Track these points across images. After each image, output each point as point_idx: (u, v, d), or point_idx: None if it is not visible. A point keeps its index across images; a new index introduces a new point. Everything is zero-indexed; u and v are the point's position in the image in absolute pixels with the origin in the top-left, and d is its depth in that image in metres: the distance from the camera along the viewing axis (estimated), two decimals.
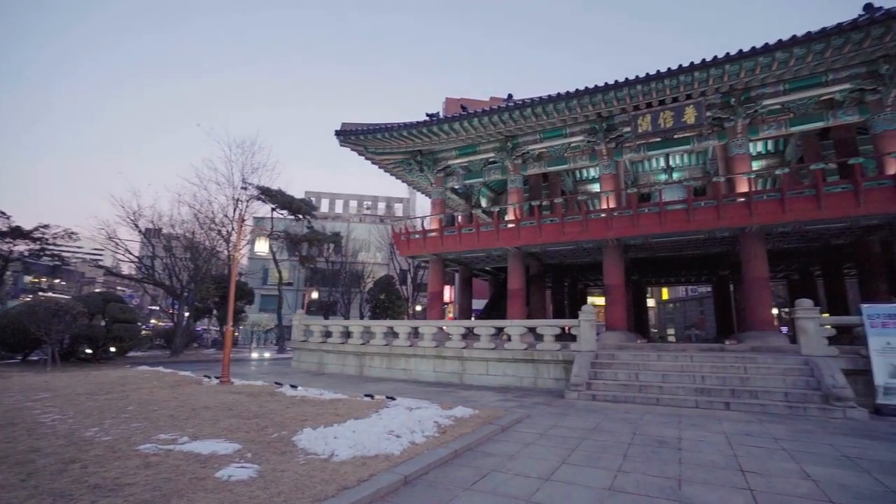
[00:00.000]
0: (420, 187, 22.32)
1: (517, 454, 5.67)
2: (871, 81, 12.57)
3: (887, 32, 10.89)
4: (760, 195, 12.88)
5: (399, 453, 5.30)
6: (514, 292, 16.45)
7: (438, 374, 13.81)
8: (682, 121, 13.91)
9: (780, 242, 15.01)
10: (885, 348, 8.65)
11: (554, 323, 12.82)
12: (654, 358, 11.15)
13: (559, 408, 9.05)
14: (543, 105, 14.51)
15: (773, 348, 11.36)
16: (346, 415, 7.28)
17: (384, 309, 31.79)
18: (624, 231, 14.15)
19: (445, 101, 52.69)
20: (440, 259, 18.68)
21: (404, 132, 16.91)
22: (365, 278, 38.16)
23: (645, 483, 4.62)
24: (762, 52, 11.83)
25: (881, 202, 11.45)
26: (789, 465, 5.20)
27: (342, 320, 24.97)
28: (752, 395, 9.16)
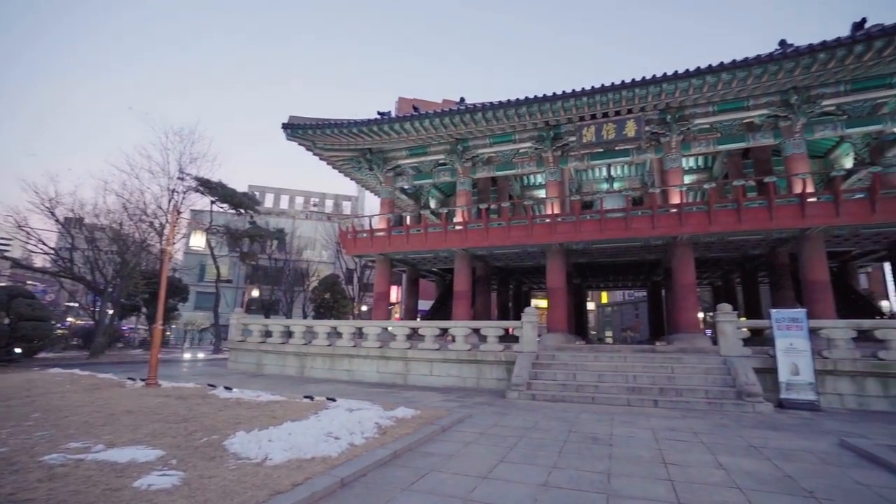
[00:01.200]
0: (369, 186, 22.03)
1: (457, 454, 5.72)
2: (783, 109, 13.89)
3: (796, 67, 12.09)
4: (690, 207, 13.84)
5: (337, 455, 5.19)
6: (460, 294, 16.62)
7: (382, 375, 13.67)
8: (623, 133, 14.68)
9: (707, 251, 16.21)
10: (789, 349, 9.57)
11: (498, 324, 13.09)
12: (591, 359, 11.66)
13: (500, 407, 9.24)
14: (494, 110, 14.81)
15: (697, 349, 12.22)
16: (283, 417, 7.02)
17: (329, 309, 31.07)
18: (567, 236, 14.71)
19: (398, 101, 52.41)
20: (387, 259, 18.54)
21: (354, 129, 16.64)
22: (309, 277, 37.13)
23: (577, 478, 4.82)
24: (695, 74, 12.75)
25: (789, 218, 12.68)
26: (705, 457, 5.61)
27: (284, 319, 24.12)
28: (678, 392, 9.80)
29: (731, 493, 4.37)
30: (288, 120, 17.69)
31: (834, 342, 10.09)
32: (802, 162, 13.85)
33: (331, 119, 17.32)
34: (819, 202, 12.63)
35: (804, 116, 13.77)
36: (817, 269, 13.11)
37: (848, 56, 11.68)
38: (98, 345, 20.18)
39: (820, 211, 12.55)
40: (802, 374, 9.44)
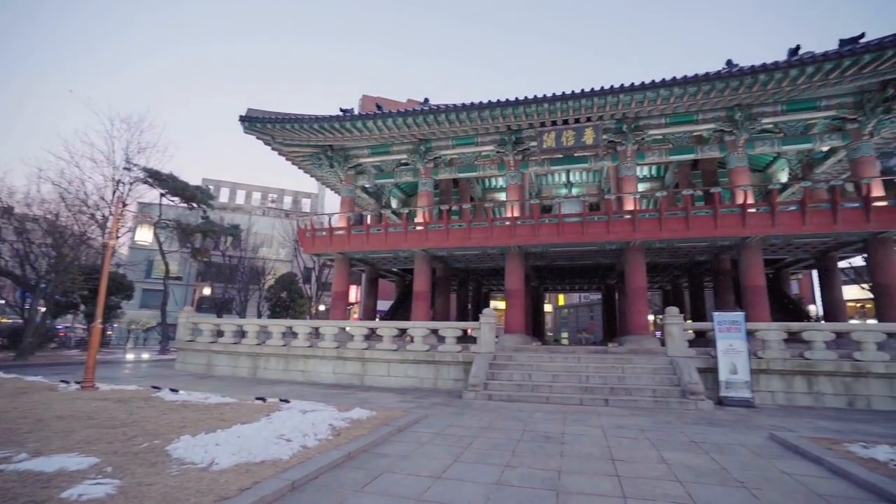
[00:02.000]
0: (329, 184, 21.61)
1: (411, 454, 5.70)
2: (728, 124, 14.76)
3: (740, 85, 12.89)
4: (643, 214, 14.43)
5: (288, 458, 5.05)
6: (420, 294, 16.60)
7: (338, 376, 13.44)
8: (581, 140, 15.14)
9: (657, 257, 16.96)
10: (728, 349, 10.17)
11: (456, 325, 13.16)
12: (546, 359, 11.93)
13: (457, 408, 9.29)
14: (457, 112, 14.90)
15: (647, 350, 12.75)
16: (232, 420, 6.76)
17: (285, 308, 30.23)
18: (526, 239, 15.00)
19: (362, 99, 51.74)
20: (346, 258, 18.26)
21: (315, 125, 16.29)
22: (265, 275, 35.98)
23: (529, 476, 4.91)
24: (649, 87, 13.34)
25: (732, 226, 13.47)
26: (651, 452, 5.86)
27: (237, 319, 23.26)
28: (628, 392, 10.19)
29: (672, 486, 4.59)
30: (246, 112, 17.10)
31: (768, 343, 10.80)
32: (744, 175, 14.76)
33: (291, 114, 16.88)
34: (758, 213, 13.49)
35: (747, 132, 14.68)
36: (755, 276, 13.99)
37: (784, 79, 12.56)
38: (27, 345, 18.68)
39: (758, 221, 13.40)
40: (740, 374, 10.05)
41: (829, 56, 12.07)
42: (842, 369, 10.16)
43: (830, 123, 14.66)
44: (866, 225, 12.66)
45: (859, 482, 4.65)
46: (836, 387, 10.21)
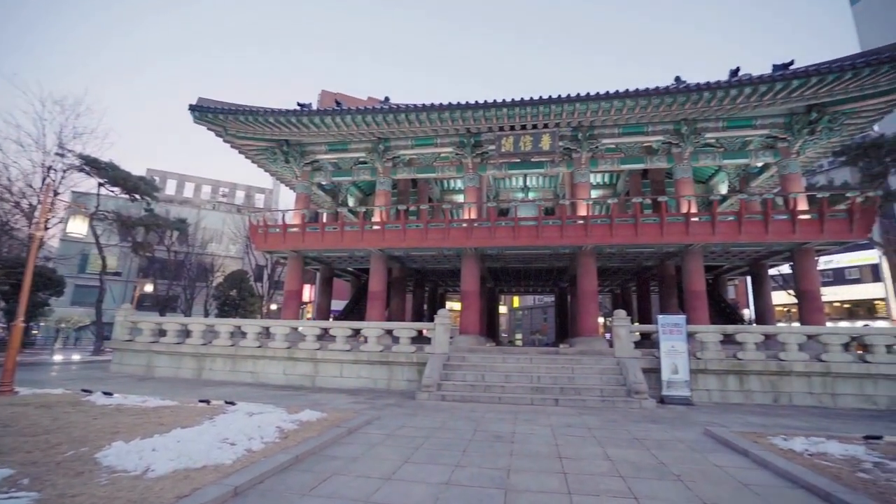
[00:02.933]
0: (284, 179, 20.94)
1: (362, 456, 5.62)
2: (676, 137, 15.56)
3: (687, 101, 13.63)
4: (596, 219, 14.93)
5: (232, 462, 4.85)
6: (375, 294, 16.42)
7: (289, 377, 13.04)
8: (539, 146, 15.49)
9: (608, 261, 17.62)
10: (670, 351, 10.71)
11: (411, 326, 13.11)
12: (500, 360, 12.10)
13: (410, 409, 9.24)
14: (417, 113, 14.86)
15: (596, 351, 13.21)
16: (172, 423, 6.41)
17: (235, 307, 29.07)
18: (482, 241, 15.16)
19: (321, 94, 50.66)
20: (300, 256, 17.78)
21: (271, 119, 15.77)
22: (214, 272, 34.43)
23: (479, 475, 4.96)
24: (604, 97, 13.84)
25: (676, 234, 14.20)
26: (596, 450, 6.07)
27: (182, 317, 22.11)
28: (577, 391, 10.51)
29: (615, 482, 4.77)
30: (196, 101, 16.29)
31: (706, 345, 11.46)
32: (689, 185, 15.61)
33: (245, 105, 16.25)
34: (700, 222, 14.30)
35: (691, 145, 15.53)
36: (696, 281, 14.82)
37: (725, 97, 13.40)
38: None
39: (700, 229, 14.21)
40: (680, 373, 10.61)
41: (763, 79, 12.99)
42: (769, 368, 10.94)
43: (764, 141, 15.77)
44: (793, 236, 13.71)
45: (778, 472, 5.03)
46: (763, 385, 10.99)
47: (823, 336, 11.15)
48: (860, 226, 13.47)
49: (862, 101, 13.87)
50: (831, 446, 5.76)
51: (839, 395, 10.70)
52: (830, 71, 12.48)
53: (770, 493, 4.48)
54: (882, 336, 11.06)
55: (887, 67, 12.30)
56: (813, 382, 10.84)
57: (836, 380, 10.75)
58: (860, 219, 13.45)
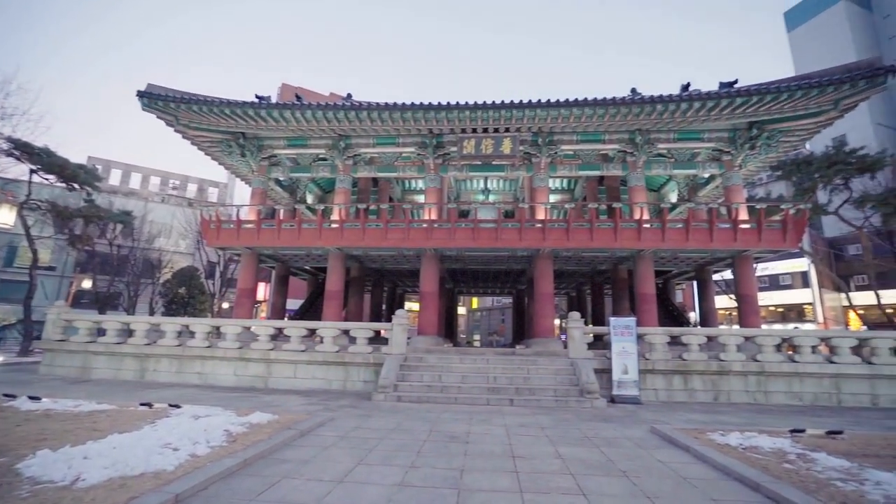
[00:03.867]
0: (240, 173, 20.21)
1: (313, 458, 5.49)
2: (630, 146, 16.20)
3: (641, 112, 14.22)
4: (553, 223, 15.30)
5: (174, 469, 4.62)
6: (332, 294, 16.10)
7: (240, 378, 12.57)
8: (499, 150, 15.70)
9: (565, 264, 18.08)
10: (621, 352, 11.11)
11: (368, 326, 12.96)
12: (457, 361, 12.15)
13: (365, 410, 9.12)
14: (380, 111, 14.72)
15: (551, 352, 13.51)
16: (108, 429, 6.02)
17: (183, 305, 27.67)
18: (442, 242, 15.20)
19: (281, 87, 49.35)
20: (255, 254, 17.18)
21: (227, 110, 15.15)
22: (162, 268, 32.68)
23: (432, 476, 4.95)
24: (563, 105, 14.22)
25: (629, 239, 14.77)
26: (548, 449, 6.20)
27: (124, 316, 20.84)
28: (532, 392, 10.70)
29: (565, 479, 4.89)
30: (146, 88, 15.43)
31: (654, 346, 11.97)
32: (642, 193, 16.28)
33: (199, 94, 15.53)
34: (651, 228, 14.93)
35: (645, 155, 16.22)
36: (647, 285, 15.46)
37: (676, 110, 14.08)
38: None
39: (652, 236, 14.84)
40: (630, 373, 11.02)
41: (711, 95, 13.75)
42: (710, 368, 11.57)
43: (711, 154, 16.69)
44: (734, 244, 14.57)
45: (715, 465, 5.33)
46: (705, 384, 11.60)
47: (759, 338, 11.92)
48: (792, 236, 14.50)
49: (795, 121, 14.96)
50: (762, 440, 6.16)
51: (771, 392, 11.46)
52: (769, 92, 13.37)
53: (706, 486, 4.73)
54: (808, 338, 11.95)
55: (816, 92, 13.34)
56: (749, 381, 11.55)
57: (769, 378, 11.52)
58: (792, 229, 14.48)
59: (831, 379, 11.45)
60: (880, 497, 4.16)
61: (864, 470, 4.89)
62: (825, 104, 14.04)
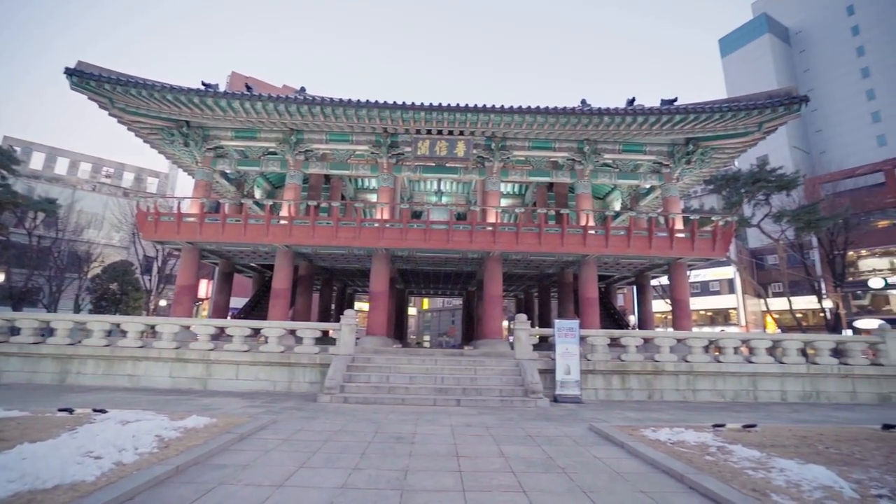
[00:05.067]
0: (182, 164, 19.12)
1: (253, 463, 5.33)
2: (579, 155, 16.87)
3: (590, 122, 14.85)
4: (504, 227, 15.63)
5: (94, 479, 4.32)
6: (279, 292, 15.61)
7: (177, 381, 11.92)
8: (453, 152, 15.86)
9: (514, 267, 18.52)
10: (564, 353, 11.55)
11: (315, 326, 12.69)
12: (405, 362, 12.15)
13: (310, 412, 8.93)
14: (333, 107, 14.45)
15: (498, 353, 13.79)
16: (17, 438, 5.51)
17: (115, 302, 25.84)
18: (394, 242, 15.14)
19: (231, 76, 47.29)
20: (197, 249, 16.33)
21: (169, 96, 14.31)
22: (91, 262, 30.30)
23: (376, 477, 4.95)
24: (516, 111, 14.58)
25: (575, 245, 15.37)
26: (492, 448, 6.35)
27: (44, 313, 19.18)
28: (478, 392, 10.89)
29: (506, 477, 5.04)
30: (76, 65, 14.27)
31: (595, 347, 12.53)
32: (588, 200, 16.99)
33: (138, 77, 14.52)
34: (596, 235, 15.61)
35: (592, 164, 16.94)
36: (590, 289, 16.14)
37: (622, 123, 14.82)
38: None
39: (596, 242, 15.51)
40: (572, 374, 11.48)
41: (653, 111, 14.60)
42: (646, 369, 12.27)
43: (652, 166, 17.69)
44: (670, 251, 15.53)
45: (646, 460, 5.68)
46: (641, 383, 12.29)
47: (689, 340, 12.78)
48: (721, 245, 15.67)
49: (725, 140, 16.19)
50: (688, 435, 6.63)
51: (699, 390, 12.33)
52: (703, 111, 14.38)
53: (637, 479, 5.03)
54: (731, 340, 12.97)
55: (743, 114, 14.53)
56: (679, 380, 12.36)
57: (697, 377, 12.38)
58: (721, 239, 15.64)
59: (749, 377, 12.48)
60: (783, 482, 4.62)
61: (772, 459, 5.39)
62: (751, 126, 15.28)
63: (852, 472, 5.04)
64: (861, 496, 4.31)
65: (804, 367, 12.59)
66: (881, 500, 4.22)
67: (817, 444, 6.40)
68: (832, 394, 12.62)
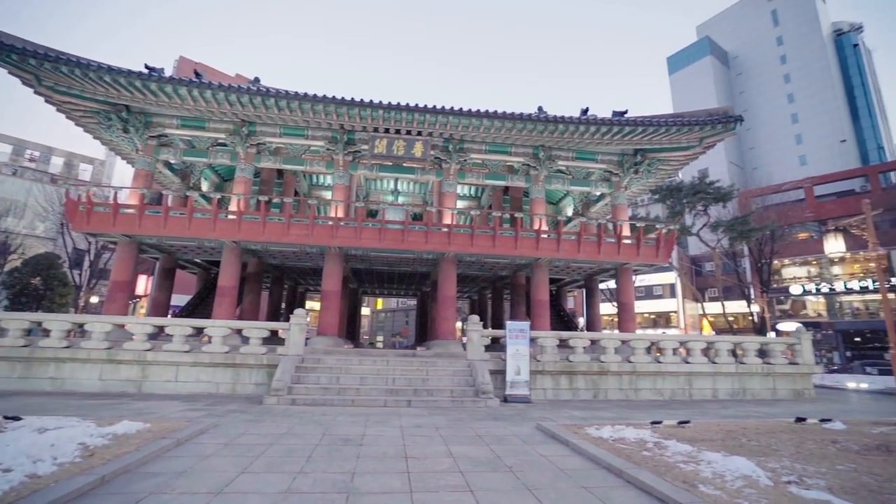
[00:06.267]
0: (121, 151, 17.87)
1: (190, 469, 5.06)
2: (534, 160, 17.28)
3: (545, 129, 15.25)
4: (459, 228, 15.74)
5: (1, 495, 3.93)
6: (225, 290, 14.93)
7: (108, 383, 11.13)
8: (411, 152, 15.81)
9: (468, 269, 18.69)
10: (515, 354, 11.78)
11: (262, 325, 12.25)
12: (356, 362, 11.95)
13: (254, 414, 8.60)
14: (289, 100, 14.01)
15: (451, 354, 13.87)
16: None
17: (37, 298, 23.80)
18: (348, 241, 14.88)
19: (179, 60, 44.78)
20: (135, 243, 15.31)
21: (107, 77, 13.33)
22: (8, 254, 27.73)
23: (322, 481, 4.83)
24: (474, 115, 14.74)
25: (528, 248, 15.72)
26: (441, 448, 6.37)
27: None
28: (430, 393, 10.90)
29: (454, 477, 5.07)
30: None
31: (544, 349, 12.86)
32: (541, 205, 17.42)
33: (70, 54, 13.41)
34: (548, 239, 16.04)
35: (546, 170, 17.40)
36: (542, 291, 16.57)
37: (576, 131, 15.33)
38: None
39: (548, 245, 15.94)
40: (522, 374, 11.72)
41: (605, 121, 15.20)
42: (592, 369, 12.73)
43: (603, 174, 18.41)
44: (618, 257, 16.22)
45: (589, 457, 5.89)
46: (587, 383, 12.75)
47: (633, 341, 13.39)
48: (664, 252, 16.54)
49: (670, 153, 17.12)
50: (628, 432, 6.94)
51: (640, 389, 12.94)
52: (650, 124, 15.14)
53: (580, 475, 5.21)
54: (670, 341, 13.74)
55: (686, 129, 15.43)
56: (623, 380, 12.92)
57: (639, 377, 12.99)
58: (664, 246, 16.51)
59: (686, 376, 13.25)
60: (710, 474, 4.96)
61: (701, 452, 5.75)
62: (692, 140, 16.25)
63: (768, 461, 5.49)
64: (774, 483, 4.72)
65: (734, 366, 13.52)
66: (790, 486, 4.64)
67: (741, 437, 6.89)
68: (756, 391, 13.64)
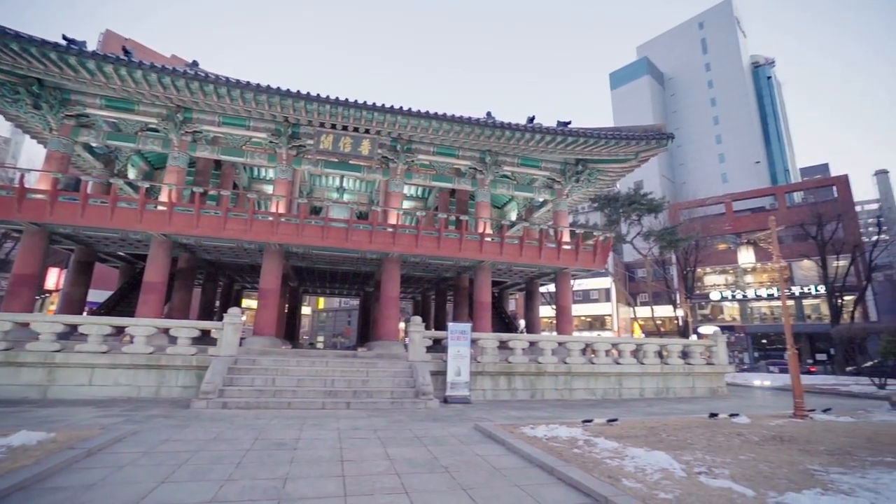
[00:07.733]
0: (30, 129, 16.09)
1: (101, 482, 4.65)
2: (480, 164, 17.57)
3: (492, 134, 15.55)
4: (404, 229, 15.67)
5: None
6: (152, 286, 13.89)
7: (5, 389, 9.99)
8: (358, 150, 15.55)
9: (412, 270, 18.64)
10: (456, 355, 11.91)
11: (192, 324, 11.54)
12: (294, 363, 11.56)
13: (180, 419, 8.07)
14: (229, 88, 13.29)
15: (392, 355, 13.76)
16: None
17: None
18: (289, 238, 14.37)
19: (105, 34, 41.44)
20: (45, 232, 13.86)
21: (14, 45, 11.98)
22: None
23: (251, 488, 4.63)
24: (423, 116, 14.75)
25: (472, 250, 15.95)
26: (378, 450, 6.30)
27: None
28: (369, 394, 10.75)
29: (390, 479, 5.03)
30: None
31: (485, 350, 13.09)
32: (487, 209, 17.75)
33: None
34: (492, 242, 16.35)
35: (492, 174, 17.75)
36: (484, 293, 16.87)
37: (521, 138, 15.76)
38: None
39: (492, 249, 16.26)
40: (463, 375, 11.86)
41: (549, 130, 15.75)
42: (530, 370, 13.13)
43: (546, 181, 19.06)
44: (557, 261, 16.84)
45: (523, 455, 6.06)
46: (525, 384, 13.12)
47: (569, 343, 13.95)
48: (600, 258, 17.39)
49: (609, 164, 18.06)
50: (561, 430, 7.22)
51: (575, 389, 13.51)
52: (591, 136, 15.89)
53: (514, 474, 5.35)
54: (603, 343, 14.45)
55: (623, 143, 16.37)
56: (559, 380, 13.43)
57: (574, 377, 13.57)
58: (601, 253, 17.37)
59: (617, 377, 14.01)
60: (632, 468, 5.29)
61: (626, 448, 6.11)
62: (629, 154, 17.23)
63: (684, 455, 5.94)
64: (687, 474, 5.14)
65: (659, 367, 14.47)
66: (701, 476, 5.08)
67: (662, 433, 7.39)
68: (678, 389, 14.68)
